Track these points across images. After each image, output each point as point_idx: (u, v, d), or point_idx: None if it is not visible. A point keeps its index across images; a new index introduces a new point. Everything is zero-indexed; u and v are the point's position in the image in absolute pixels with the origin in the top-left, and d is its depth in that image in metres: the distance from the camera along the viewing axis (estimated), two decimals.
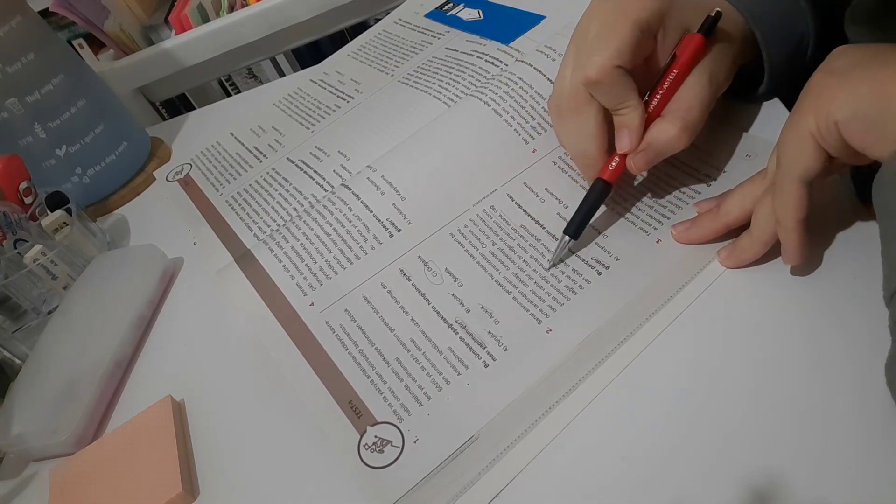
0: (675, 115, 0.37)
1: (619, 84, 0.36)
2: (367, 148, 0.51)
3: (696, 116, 0.37)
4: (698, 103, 0.37)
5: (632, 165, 0.38)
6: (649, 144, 0.37)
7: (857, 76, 0.28)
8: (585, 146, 0.39)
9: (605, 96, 0.37)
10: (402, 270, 0.42)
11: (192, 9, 0.89)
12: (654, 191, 0.41)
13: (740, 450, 0.29)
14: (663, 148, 0.37)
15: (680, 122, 0.37)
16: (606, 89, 0.37)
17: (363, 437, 0.35)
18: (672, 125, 0.37)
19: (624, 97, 0.37)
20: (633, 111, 0.37)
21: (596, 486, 0.30)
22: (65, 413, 0.40)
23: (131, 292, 0.47)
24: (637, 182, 0.42)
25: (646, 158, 0.38)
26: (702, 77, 0.37)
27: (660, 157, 0.38)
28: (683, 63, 0.37)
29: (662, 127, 0.37)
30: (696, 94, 0.37)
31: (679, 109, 0.37)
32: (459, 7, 0.63)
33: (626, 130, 0.38)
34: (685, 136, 0.37)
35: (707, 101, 0.37)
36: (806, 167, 0.30)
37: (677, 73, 0.37)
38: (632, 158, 0.38)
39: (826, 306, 0.32)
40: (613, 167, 0.38)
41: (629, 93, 0.37)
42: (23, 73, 0.56)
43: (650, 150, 0.37)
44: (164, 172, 0.63)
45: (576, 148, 0.40)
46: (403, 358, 0.37)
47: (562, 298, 0.37)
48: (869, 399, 0.28)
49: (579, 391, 0.33)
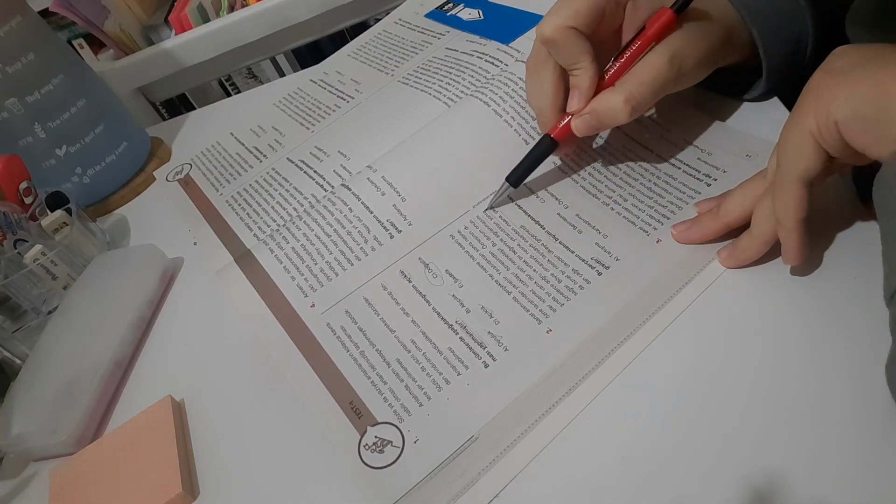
0: (623, 87, 0.37)
1: (572, 44, 0.37)
2: (367, 148, 0.52)
3: (644, 92, 0.37)
4: (651, 79, 0.37)
5: (574, 126, 0.39)
6: (593, 110, 0.38)
7: (857, 76, 0.28)
8: (541, 102, 0.41)
9: (559, 55, 0.38)
10: (403, 272, 0.42)
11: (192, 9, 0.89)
12: (654, 191, 0.41)
13: (740, 450, 0.29)
14: (605, 117, 0.38)
15: (625, 93, 0.37)
16: (559, 48, 0.38)
17: (363, 438, 0.35)
18: (617, 95, 0.37)
19: (576, 58, 0.38)
20: (584, 72, 0.38)
21: (596, 486, 0.30)
22: (65, 413, 0.40)
23: (131, 292, 0.47)
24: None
25: (587, 123, 0.38)
26: (663, 54, 0.37)
27: (602, 125, 0.39)
28: (648, 36, 0.37)
29: (607, 96, 0.38)
30: (651, 69, 0.37)
31: (630, 82, 0.37)
32: (459, 7, 0.63)
33: (576, 91, 0.39)
34: (627, 108, 0.37)
35: (662, 80, 0.37)
36: (806, 167, 0.30)
37: (640, 44, 0.37)
38: (574, 120, 0.39)
39: (826, 306, 0.32)
40: (562, 126, 0.40)
41: (582, 54, 0.37)
42: (23, 73, 0.56)
43: (593, 116, 0.38)
44: (164, 172, 0.63)
45: (534, 103, 0.41)
46: (404, 358, 0.37)
47: (562, 299, 0.37)
48: (869, 399, 0.28)
49: (579, 391, 0.33)
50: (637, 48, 0.37)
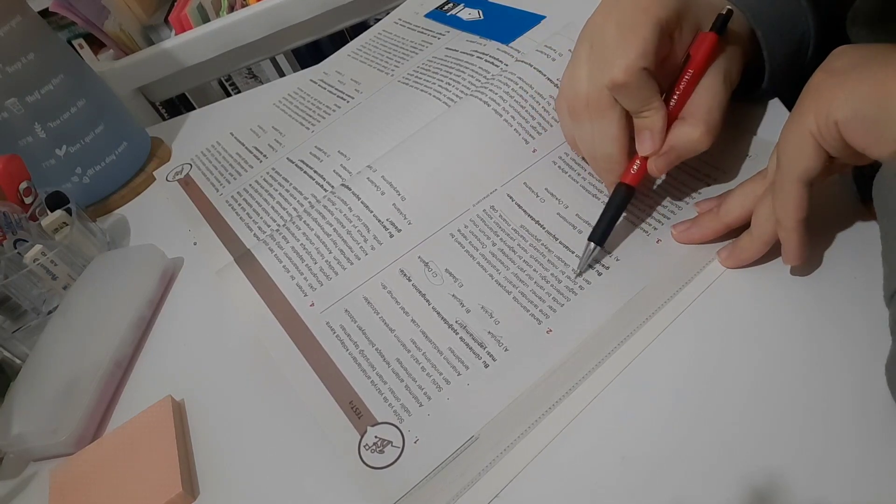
0: (697, 118, 0.37)
1: (646, 87, 0.36)
2: (367, 148, 0.52)
3: (717, 117, 0.37)
4: (718, 104, 0.37)
5: (653, 168, 0.38)
6: (672, 147, 0.37)
7: (857, 76, 0.28)
8: (608, 150, 0.38)
9: (630, 99, 0.36)
10: (403, 271, 0.42)
11: (192, 9, 0.89)
12: (655, 191, 0.41)
13: (740, 450, 0.29)
14: (686, 150, 0.37)
15: (703, 124, 0.36)
16: (633, 92, 0.36)
17: (363, 438, 0.35)
18: (695, 128, 0.36)
19: (649, 100, 0.36)
20: (656, 113, 0.37)
21: (596, 486, 0.30)
22: (65, 413, 0.40)
23: (131, 292, 0.47)
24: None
25: (667, 160, 0.37)
26: (717, 77, 0.37)
27: (681, 159, 0.38)
28: (699, 62, 0.37)
29: (685, 129, 0.37)
30: (714, 94, 0.37)
31: (700, 111, 0.37)
32: (459, 7, 0.63)
33: (648, 133, 0.37)
34: (708, 137, 0.36)
35: (725, 101, 0.37)
36: (806, 167, 0.30)
37: (693, 72, 0.37)
38: (653, 161, 0.37)
39: (826, 306, 0.32)
40: (635, 170, 0.38)
41: (654, 95, 0.36)
42: (23, 73, 0.56)
43: (672, 153, 0.37)
44: (164, 172, 0.63)
45: (598, 152, 0.39)
46: (404, 358, 0.37)
47: (562, 299, 0.37)
48: (869, 399, 0.28)
49: (579, 391, 0.33)
50: (692, 77, 0.37)
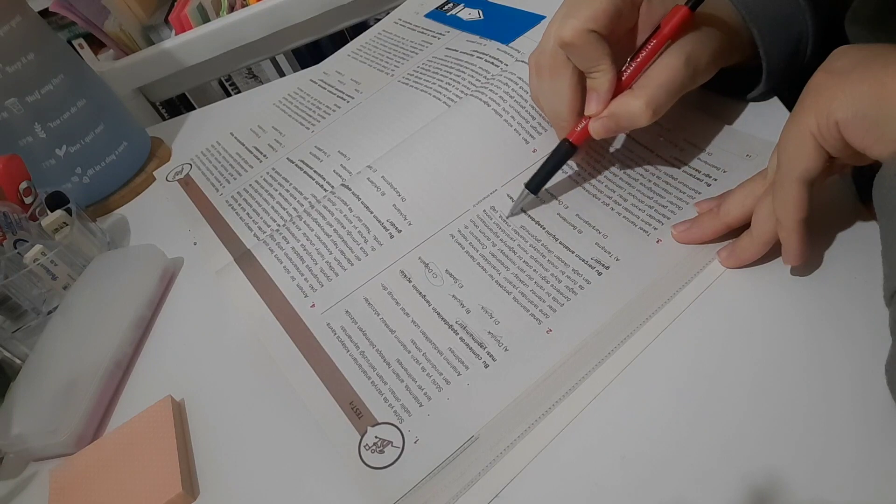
0: (643, 90, 0.37)
1: (592, 48, 0.37)
2: (367, 148, 0.52)
3: (663, 94, 0.37)
4: (669, 81, 0.37)
5: (592, 129, 0.39)
6: (612, 113, 0.38)
7: (857, 76, 0.28)
8: (558, 107, 0.40)
9: (578, 58, 0.38)
10: (403, 271, 0.42)
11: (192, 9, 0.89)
12: (654, 191, 0.41)
13: (740, 450, 0.29)
14: (625, 120, 0.38)
15: (645, 96, 0.37)
16: (579, 52, 0.37)
17: (364, 438, 0.35)
18: (637, 99, 0.37)
19: (596, 61, 0.37)
20: (603, 75, 0.37)
21: (596, 486, 0.30)
22: (65, 413, 0.40)
23: (131, 292, 0.47)
24: (636, 184, 0.42)
25: (606, 126, 0.38)
26: (679, 56, 0.37)
27: (621, 128, 0.38)
28: (664, 34, 0.37)
29: (627, 99, 0.37)
30: (669, 71, 0.37)
31: (649, 85, 0.37)
32: (459, 7, 0.63)
33: (594, 94, 0.38)
34: (648, 111, 0.37)
35: (679, 82, 0.37)
36: (806, 167, 0.30)
37: (655, 42, 0.37)
38: (593, 122, 0.39)
39: (826, 306, 0.32)
40: (580, 129, 0.39)
41: (602, 57, 0.37)
42: (23, 73, 0.56)
43: (612, 119, 0.38)
44: (164, 172, 0.63)
45: (550, 108, 0.41)
46: (404, 359, 0.37)
47: (562, 299, 0.37)
48: (869, 399, 0.28)
49: (579, 391, 0.33)
50: (653, 47, 0.37)
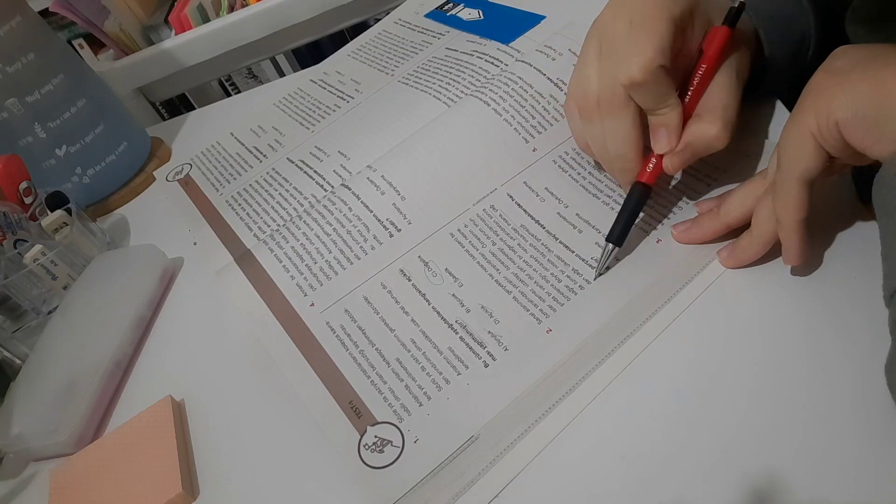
0: (714, 115, 0.36)
1: (663, 84, 0.35)
2: (367, 148, 0.52)
3: (732, 114, 0.36)
4: (733, 100, 0.36)
5: (668, 166, 0.37)
6: (688, 144, 0.37)
7: (857, 76, 0.28)
8: (623, 150, 0.37)
9: (648, 97, 0.36)
10: (403, 270, 0.42)
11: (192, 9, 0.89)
12: (655, 191, 0.41)
13: (740, 449, 0.29)
14: (702, 148, 0.37)
15: (720, 121, 0.36)
16: (650, 90, 0.35)
17: (363, 437, 0.34)
18: (712, 125, 0.36)
19: (665, 97, 0.36)
20: (672, 110, 0.36)
21: (596, 486, 0.30)
22: (65, 413, 0.40)
23: (131, 292, 0.47)
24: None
25: (683, 158, 0.37)
26: (731, 73, 0.37)
27: (697, 157, 0.37)
28: (712, 57, 0.36)
29: (701, 127, 0.36)
30: (728, 90, 0.36)
31: (716, 108, 0.36)
32: (459, 7, 0.63)
33: (663, 130, 0.37)
34: (725, 134, 0.36)
35: (739, 97, 0.37)
36: (806, 167, 0.30)
37: (706, 67, 0.36)
38: (669, 159, 0.37)
39: (826, 306, 0.32)
40: (651, 169, 0.38)
41: (670, 92, 0.36)
42: (23, 73, 0.56)
43: (688, 150, 0.37)
44: (164, 172, 0.63)
45: (612, 152, 0.38)
46: (403, 358, 0.37)
47: (562, 298, 0.37)
48: (869, 399, 0.28)
49: (579, 391, 0.33)
50: (705, 72, 0.36)
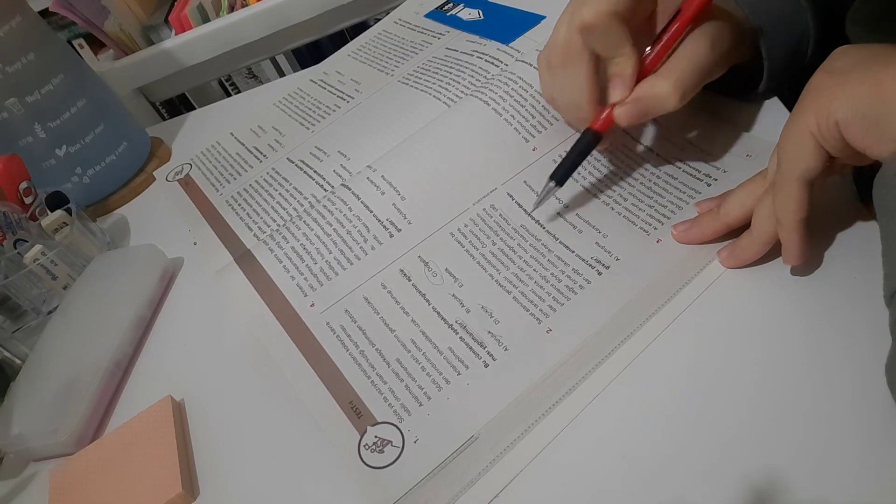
0: (670, 73, 0.36)
1: (615, 30, 0.36)
2: (367, 148, 0.52)
3: (690, 77, 0.36)
4: (696, 65, 0.36)
5: (619, 116, 0.37)
6: (638, 98, 0.37)
7: (857, 76, 0.28)
8: (576, 97, 0.38)
9: (600, 42, 0.36)
10: (403, 270, 0.42)
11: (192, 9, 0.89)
12: (655, 191, 0.41)
13: (741, 449, 0.29)
14: (652, 104, 0.37)
15: (673, 80, 0.36)
16: (602, 35, 0.36)
17: (363, 437, 0.34)
18: (665, 81, 0.36)
19: (618, 44, 0.36)
20: (626, 59, 0.36)
21: (596, 486, 0.30)
22: (65, 413, 0.40)
23: (131, 292, 0.47)
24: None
25: (633, 111, 0.37)
26: (704, 39, 0.36)
27: (648, 113, 0.37)
28: (686, 18, 0.36)
29: (654, 82, 0.36)
30: (695, 54, 0.36)
31: (675, 68, 0.36)
32: (459, 7, 0.63)
33: (618, 79, 0.37)
34: (676, 94, 0.36)
35: (705, 66, 0.36)
36: (806, 167, 0.30)
37: (678, 26, 0.36)
38: (619, 109, 0.37)
39: (826, 306, 0.32)
40: (604, 117, 0.38)
41: (624, 41, 0.36)
42: (23, 73, 0.56)
43: (639, 104, 0.37)
44: (164, 172, 0.63)
45: (566, 99, 0.39)
46: (404, 358, 0.37)
47: (562, 298, 0.37)
48: (869, 399, 0.28)
49: (579, 391, 0.33)
50: (675, 30, 0.36)
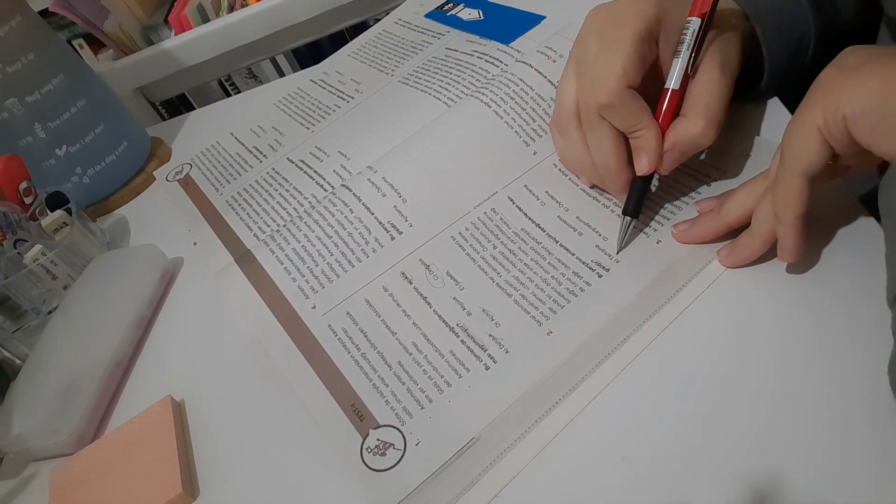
0: (697, 111, 0.36)
1: (632, 105, 0.36)
2: (368, 148, 0.51)
3: (717, 109, 0.36)
4: (717, 95, 0.36)
5: (660, 169, 0.38)
6: (674, 144, 0.37)
7: (867, 72, 0.28)
8: (604, 159, 0.38)
9: (619, 118, 0.37)
10: (404, 273, 0.42)
11: (192, 9, 0.89)
12: (655, 191, 0.41)
13: (741, 449, 0.29)
14: (689, 146, 0.37)
15: (703, 118, 0.36)
16: (620, 112, 0.36)
17: (365, 440, 0.34)
18: (696, 122, 0.36)
19: (637, 117, 0.36)
20: (647, 132, 0.36)
21: (596, 487, 0.30)
22: (65, 413, 0.40)
23: (131, 292, 0.47)
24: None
25: (672, 158, 0.37)
26: (714, 66, 0.37)
27: (686, 155, 0.37)
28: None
29: (686, 126, 0.36)
30: (711, 85, 0.36)
31: (699, 104, 0.36)
32: (459, 7, 0.63)
33: (643, 153, 0.37)
34: (710, 131, 0.36)
35: (724, 90, 0.37)
36: (809, 161, 0.30)
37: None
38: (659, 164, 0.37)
39: (827, 306, 0.32)
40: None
41: (642, 113, 0.36)
42: (23, 73, 0.56)
43: (676, 150, 0.37)
44: (164, 172, 0.63)
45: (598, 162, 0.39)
46: (405, 361, 0.37)
47: (562, 301, 0.37)
48: (871, 399, 0.28)
49: (579, 391, 0.33)
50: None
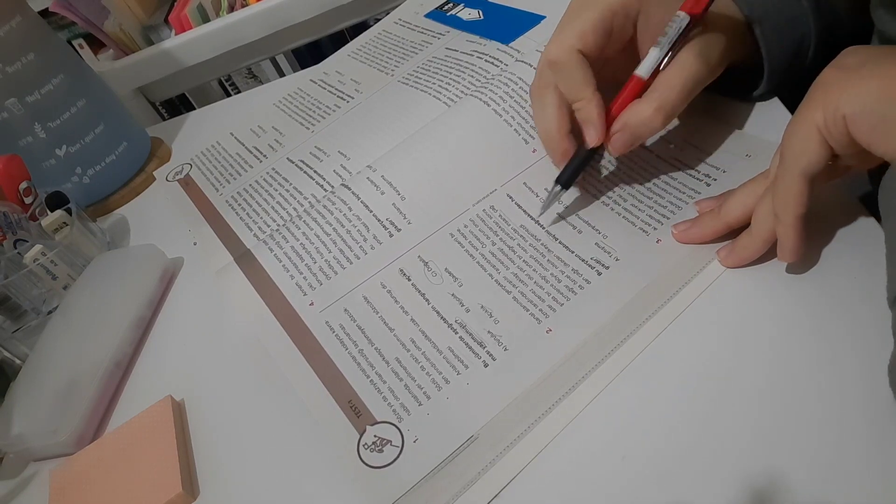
0: (653, 96, 0.36)
1: (577, 71, 0.36)
2: (367, 148, 0.52)
3: (674, 96, 0.36)
4: (681, 82, 0.36)
5: (612, 149, 0.38)
6: (625, 125, 0.37)
7: (867, 72, 0.28)
8: (545, 125, 0.39)
9: (562, 80, 0.37)
10: (402, 270, 0.42)
11: (192, 9, 0.89)
12: (654, 191, 0.41)
13: (741, 449, 0.29)
14: (638, 129, 0.37)
15: (656, 101, 0.36)
16: (563, 73, 0.36)
17: (363, 437, 0.35)
18: (647, 106, 0.36)
19: (580, 87, 0.36)
20: (588, 104, 0.36)
21: (596, 486, 0.30)
22: (65, 413, 0.40)
23: (131, 292, 0.47)
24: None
25: (622, 139, 0.37)
26: (689, 55, 0.36)
27: (637, 138, 0.37)
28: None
29: (637, 108, 0.36)
30: (681, 70, 0.36)
31: (659, 87, 0.36)
32: (459, 7, 0.63)
33: (588, 125, 0.37)
34: (658, 116, 0.36)
35: (691, 80, 0.36)
36: (809, 161, 0.30)
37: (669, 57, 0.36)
38: (610, 144, 0.38)
39: (826, 306, 0.32)
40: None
41: (586, 84, 0.36)
42: (23, 73, 0.56)
43: (626, 131, 0.37)
44: (164, 172, 0.63)
45: (539, 126, 0.40)
46: (403, 357, 0.37)
47: (561, 298, 0.37)
48: (871, 400, 0.28)
49: (579, 391, 0.33)
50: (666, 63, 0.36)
